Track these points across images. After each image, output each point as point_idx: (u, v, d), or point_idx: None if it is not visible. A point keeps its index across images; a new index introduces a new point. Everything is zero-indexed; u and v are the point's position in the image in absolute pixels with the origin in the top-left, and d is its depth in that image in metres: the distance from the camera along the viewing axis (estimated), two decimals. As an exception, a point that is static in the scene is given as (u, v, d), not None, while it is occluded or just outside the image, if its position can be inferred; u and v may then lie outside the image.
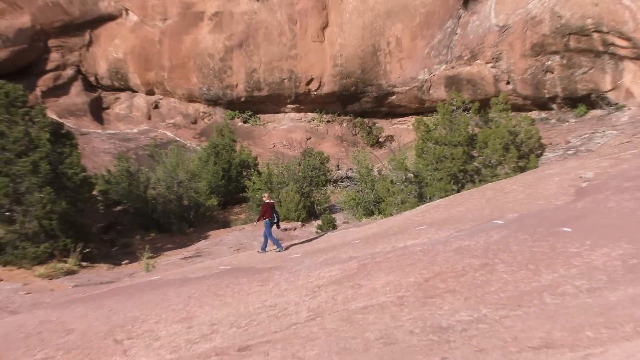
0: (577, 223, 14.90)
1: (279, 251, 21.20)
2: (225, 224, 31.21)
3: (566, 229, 14.49)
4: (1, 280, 24.59)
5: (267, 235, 21.56)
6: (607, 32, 32.19)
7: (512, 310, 11.56)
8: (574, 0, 32.78)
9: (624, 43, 32.00)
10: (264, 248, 21.58)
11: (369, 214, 27.84)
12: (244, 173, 32.80)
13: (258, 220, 21.61)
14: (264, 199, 22.66)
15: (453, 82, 35.29)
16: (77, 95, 37.53)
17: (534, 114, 33.04)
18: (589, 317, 10.57)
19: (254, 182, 31.14)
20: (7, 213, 25.76)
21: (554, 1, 33.37)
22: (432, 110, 30.95)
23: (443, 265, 13.72)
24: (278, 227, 22.48)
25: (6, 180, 25.17)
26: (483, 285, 12.63)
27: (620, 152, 21.91)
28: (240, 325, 13.36)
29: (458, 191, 24.24)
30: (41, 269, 25.17)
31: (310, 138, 37.21)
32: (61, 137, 27.98)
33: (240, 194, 32.30)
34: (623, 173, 18.23)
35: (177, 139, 36.72)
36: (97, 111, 37.95)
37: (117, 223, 31.12)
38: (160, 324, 14.16)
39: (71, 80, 37.48)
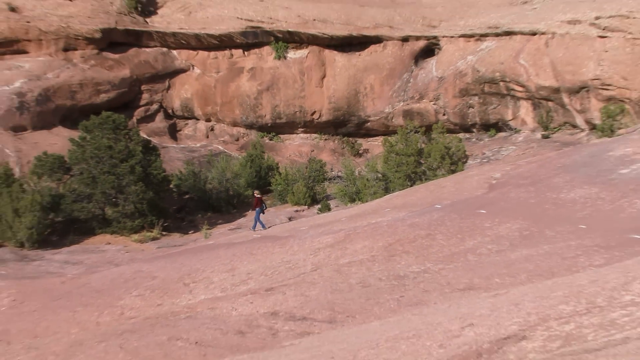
0: (489, 207, 14.89)
1: (253, 230, 21.74)
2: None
3: (482, 211, 14.49)
4: (109, 243, 24.62)
5: (256, 218, 22.12)
6: (509, 81, 32.18)
7: (446, 264, 11.54)
8: (487, 60, 32.78)
9: (520, 88, 32.02)
10: (263, 226, 22.23)
11: (352, 200, 27.78)
12: (270, 173, 32.70)
13: (253, 209, 22.31)
14: (255, 194, 23.22)
15: (408, 114, 35.18)
16: (160, 122, 37.43)
17: (461, 135, 32.94)
18: (497, 269, 10.55)
19: (276, 179, 31.22)
20: (114, 199, 25.82)
21: (474, 60, 33.37)
22: (394, 132, 30.91)
23: (401, 234, 13.72)
24: (263, 213, 23.20)
25: (113, 177, 25.26)
26: (427, 248, 12.63)
27: (517, 161, 21.89)
28: (267, 274, 13.39)
29: (411, 186, 24.23)
30: (135, 236, 25.23)
31: (313, 150, 37.11)
32: (149, 149, 28.02)
33: (267, 187, 32.22)
34: (519, 174, 18.24)
35: (226, 151, 36.58)
36: (173, 132, 37.83)
37: (186, 206, 31.08)
38: (214, 273, 14.20)
39: (156, 112, 37.37)
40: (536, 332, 5.90)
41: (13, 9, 34.39)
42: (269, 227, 22.20)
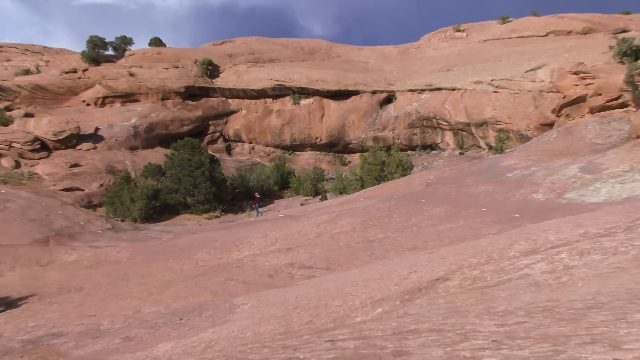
0: (427, 197, 14.88)
1: (258, 215, 22.20)
2: (281, 197, 31.19)
3: (422, 200, 14.47)
4: (188, 220, 24.55)
5: (257, 209, 22.61)
6: (439, 119, 32.08)
7: (400, 233, 11.53)
8: (425, 105, 32.68)
9: (445, 123, 31.92)
10: (257, 214, 22.70)
11: (340, 193, 27.69)
12: (289, 176, 32.61)
13: (255, 204, 22.94)
14: (256, 195, 23.91)
15: (376, 139, 34.95)
16: (220, 144, 37.24)
17: (409, 152, 32.72)
18: (431, 237, 10.54)
19: (293, 180, 31.11)
20: (191, 192, 25.74)
21: (417, 106, 33.26)
22: (367, 150, 30.81)
23: (371, 214, 13.70)
24: (254, 207, 23.88)
25: (191, 178, 25.25)
26: (388, 223, 12.60)
27: (443, 168, 21.85)
28: (287, 239, 13.35)
29: (378, 184, 24.20)
30: (205, 215, 25.18)
31: (316, 162, 36.91)
32: (214, 161, 27.96)
33: (287, 185, 32.16)
34: (445, 177, 18.22)
35: (261, 162, 36.41)
36: (228, 150, 37.65)
37: (236, 196, 30.96)
38: (253, 238, 14.16)
39: (218, 138, 37.17)
40: (455, 275, 5.90)
41: (132, 75, 34.97)
42: (262, 214, 22.88)
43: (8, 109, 30.03)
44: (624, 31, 31.91)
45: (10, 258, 15.08)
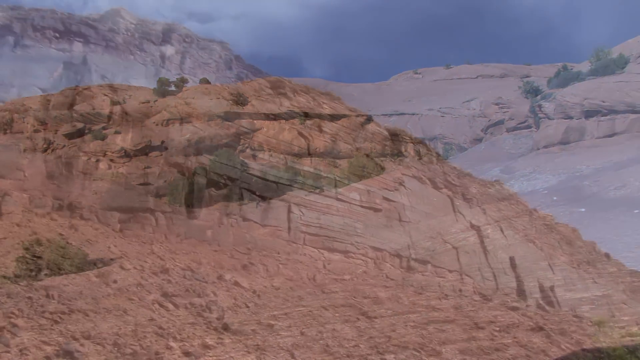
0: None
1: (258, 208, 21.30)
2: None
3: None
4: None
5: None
6: (404, 135, 31.98)
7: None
8: (394, 125, 32.60)
9: (408, 138, 31.75)
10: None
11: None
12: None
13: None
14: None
15: (359, 149, 34.85)
16: (248, 153, 36.71)
17: (382, 158, 32.71)
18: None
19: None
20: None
21: (388, 125, 33.14)
22: (353, 157, 30.76)
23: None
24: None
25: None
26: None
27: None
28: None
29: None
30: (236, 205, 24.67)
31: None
32: (243, 165, 27.42)
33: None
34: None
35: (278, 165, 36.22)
36: (254, 157, 37.34)
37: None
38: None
39: (246, 148, 35.95)
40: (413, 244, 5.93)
41: (187, 104, 34.86)
42: None
43: (104, 128, 30.81)
44: (527, 76, 32.64)
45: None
